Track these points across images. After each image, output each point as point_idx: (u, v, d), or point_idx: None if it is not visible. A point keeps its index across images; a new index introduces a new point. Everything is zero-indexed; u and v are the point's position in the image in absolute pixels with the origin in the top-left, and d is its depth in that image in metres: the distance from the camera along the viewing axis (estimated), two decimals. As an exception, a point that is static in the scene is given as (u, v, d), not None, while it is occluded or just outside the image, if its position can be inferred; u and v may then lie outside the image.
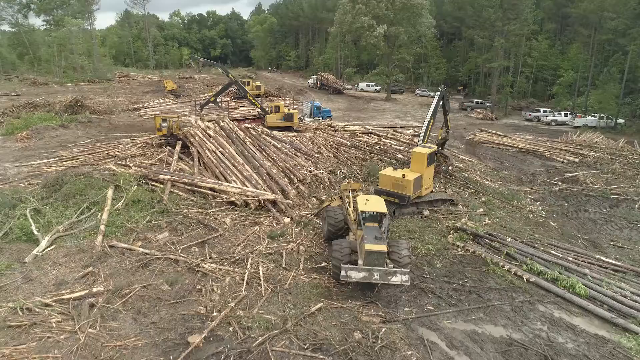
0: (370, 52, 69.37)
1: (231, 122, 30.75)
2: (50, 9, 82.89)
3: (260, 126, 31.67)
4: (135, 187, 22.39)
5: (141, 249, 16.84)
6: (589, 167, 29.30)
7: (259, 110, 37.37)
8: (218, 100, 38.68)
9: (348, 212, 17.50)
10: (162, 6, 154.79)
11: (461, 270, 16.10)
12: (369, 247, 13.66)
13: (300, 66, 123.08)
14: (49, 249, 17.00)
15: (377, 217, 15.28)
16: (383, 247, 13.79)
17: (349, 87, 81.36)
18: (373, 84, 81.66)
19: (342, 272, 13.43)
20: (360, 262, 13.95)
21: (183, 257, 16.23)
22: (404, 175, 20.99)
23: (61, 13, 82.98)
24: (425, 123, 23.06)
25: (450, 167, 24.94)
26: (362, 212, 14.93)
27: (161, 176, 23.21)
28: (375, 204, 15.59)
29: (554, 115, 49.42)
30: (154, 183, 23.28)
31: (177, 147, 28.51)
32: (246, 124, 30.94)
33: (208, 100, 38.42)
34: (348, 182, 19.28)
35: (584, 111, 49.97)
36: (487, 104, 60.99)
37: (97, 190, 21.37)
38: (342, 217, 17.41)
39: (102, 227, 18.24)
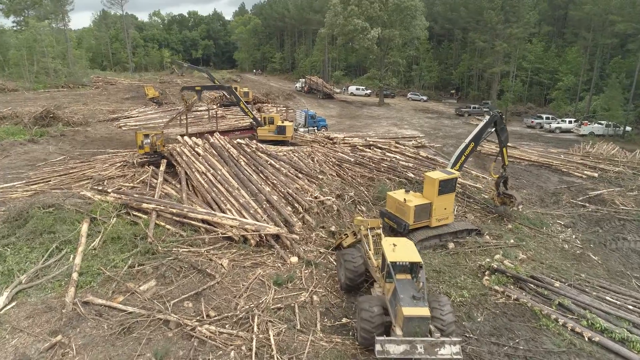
0: (363, 55, 66.83)
1: (221, 137, 27.77)
2: (20, 10, 78.07)
3: (254, 141, 28.76)
4: (115, 219, 19.39)
5: (122, 307, 13.87)
6: (611, 183, 27.30)
7: (252, 120, 34.43)
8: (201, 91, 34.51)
9: (368, 255, 14.90)
10: (140, 6, 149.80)
11: (508, 326, 13.59)
12: (408, 311, 11.02)
13: (286, 68, 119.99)
14: (8, 307, 13.93)
15: (410, 268, 12.71)
16: (425, 311, 11.18)
17: (339, 90, 78.84)
18: (363, 87, 79.32)
19: (377, 347, 10.76)
20: (397, 330, 11.27)
21: (175, 317, 13.32)
22: (405, 200, 18.61)
23: (33, 14, 78.29)
24: (462, 146, 20.13)
25: (520, 207, 21.43)
26: (392, 263, 12.35)
27: (145, 205, 20.19)
28: (406, 251, 13.04)
29: (558, 123, 47.64)
30: (136, 213, 20.28)
31: (162, 167, 25.46)
32: (238, 140, 27.98)
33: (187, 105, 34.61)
34: (362, 217, 16.57)
35: (586, 117, 48.45)
36: (485, 110, 59.08)
37: (70, 226, 18.28)
38: (362, 263, 14.76)
39: (75, 276, 15.22)
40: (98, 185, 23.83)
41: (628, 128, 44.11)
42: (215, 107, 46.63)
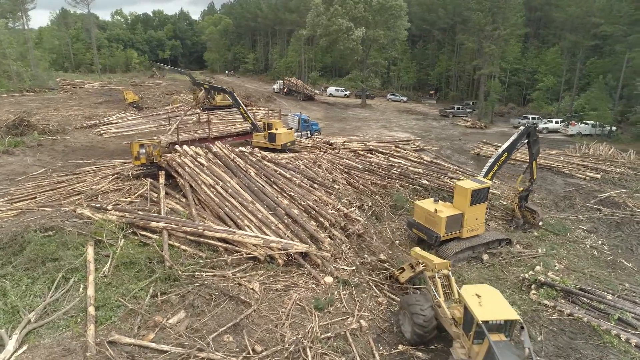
0: (340, 56, 66.00)
1: (224, 146, 26.21)
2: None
3: (257, 149, 27.34)
4: (122, 240, 17.62)
5: (155, 346, 12.31)
6: (615, 184, 27.59)
7: (250, 125, 32.83)
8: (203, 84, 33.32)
9: (438, 303, 12.71)
10: (99, 4, 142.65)
11: (572, 345, 12.99)
12: None
13: (260, 69, 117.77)
14: (19, 352, 12.10)
15: (505, 327, 10.56)
16: None
17: (317, 91, 77.87)
18: (342, 88, 78.66)
19: None
20: None
21: (219, 355, 11.91)
22: (436, 210, 17.89)
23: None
24: (495, 156, 19.56)
25: (541, 223, 20.79)
26: (485, 322, 10.19)
27: (153, 224, 18.48)
28: (496, 305, 10.76)
29: (545, 123, 48.47)
30: (143, 232, 18.56)
31: (162, 180, 23.65)
32: (241, 148, 26.49)
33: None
34: (420, 249, 14.30)
35: (569, 117, 49.56)
36: (468, 110, 59.62)
37: (74, 251, 16.43)
38: (434, 314, 12.65)
39: (92, 310, 13.49)
40: (92, 202, 21.89)
41: (613, 128, 45.35)
42: (199, 111, 44.56)
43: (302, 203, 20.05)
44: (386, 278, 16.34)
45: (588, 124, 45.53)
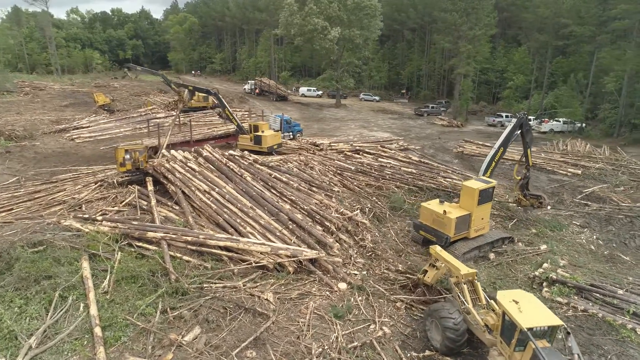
0: (322, 56, 65.66)
1: (213, 149, 25.30)
2: None
3: (246, 152, 26.55)
4: (119, 253, 16.57)
5: (176, 367, 11.55)
6: (596, 179, 28.63)
7: (236, 127, 31.89)
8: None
9: (467, 310, 12.25)
10: (52, 2, 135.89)
11: (593, 342, 13.17)
12: None
13: (227, 69, 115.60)
14: (25, 382, 11.08)
15: (548, 332, 10.27)
16: None
17: (290, 92, 77.19)
18: (314, 88, 78.35)
19: None
20: None
21: (246, 374, 11.30)
22: (445, 212, 17.91)
23: None
24: (491, 153, 19.74)
25: (549, 207, 21.08)
26: (529, 329, 9.84)
27: (150, 234, 17.51)
28: (537, 310, 10.47)
29: (518, 121, 49.73)
30: (139, 244, 17.54)
31: (150, 186, 22.55)
32: (230, 151, 25.67)
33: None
34: (445, 259, 13.61)
35: (539, 114, 51.26)
36: (442, 109, 60.66)
37: (68, 267, 15.30)
38: (463, 320, 12.20)
39: (98, 331, 12.54)
40: (76, 212, 20.61)
41: (583, 124, 47.26)
42: (175, 113, 43.04)
43: (305, 207, 19.55)
44: (403, 287, 15.93)
45: (560, 121, 47.33)
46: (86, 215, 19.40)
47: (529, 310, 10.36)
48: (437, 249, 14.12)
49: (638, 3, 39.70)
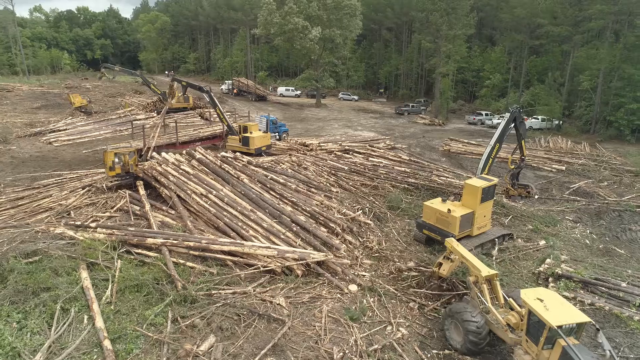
0: (302, 56, 65.32)
1: (205, 151, 24.70)
2: None
3: (238, 153, 26.05)
4: (119, 261, 15.89)
5: (196, 380, 11.12)
6: (580, 175, 29.50)
7: (226, 128, 31.23)
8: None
9: (486, 310, 12.22)
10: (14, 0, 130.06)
11: (604, 335, 13.43)
12: None
13: (202, 69, 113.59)
14: (34, 403, 10.43)
15: (575, 329, 10.38)
16: None
17: (268, 92, 76.55)
18: (292, 88, 77.93)
19: None
20: None
21: (269, 383, 10.98)
22: (449, 210, 18.05)
23: None
24: (488, 150, 20.04)
25: (536, 196, 21.66)
26: (559, 327, 9.87)
27: (150, 240, 16.89)
28: (563, 308, 10.57)
29: (498, 119, 51.03)
30: (138, 251, 16.89)
31: (142, 191, 21.81)
32: (223, 153, 25.13)
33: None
34: (465, 257, 13.55)
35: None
36: (422, 108, 61.40)
37: (66, 277, 14.58)
38: (484, 320, 12.12)
39: (108, 344, 11.95)
40: (64, 219, 19.71)
41: (561, 122, 48.74)
42: (155, 114, 41.95)
43: (307, 209, 19.29)
44: (413, 285, 15.93)
45: (538, 119, 48.70)
46: (78, 223, 18.57)
47: (556, 308, 10.43)
48: (453, 242, 14.15)
49: (612, 4, 41.37)
